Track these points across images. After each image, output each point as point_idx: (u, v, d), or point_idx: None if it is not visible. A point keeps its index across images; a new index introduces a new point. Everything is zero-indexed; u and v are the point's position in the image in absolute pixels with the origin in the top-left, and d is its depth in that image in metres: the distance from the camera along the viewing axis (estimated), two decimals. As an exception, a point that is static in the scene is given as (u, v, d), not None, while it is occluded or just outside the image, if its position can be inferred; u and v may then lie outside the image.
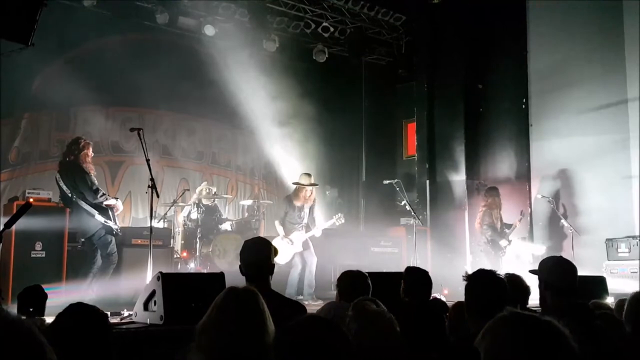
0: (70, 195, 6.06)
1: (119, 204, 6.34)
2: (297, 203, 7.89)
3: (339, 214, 8.31)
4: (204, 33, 9.61)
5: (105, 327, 2.51)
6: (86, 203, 6.01)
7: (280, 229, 7.83)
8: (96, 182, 6.22)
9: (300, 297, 7.53)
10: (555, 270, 3.32)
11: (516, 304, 3.37)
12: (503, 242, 8.49)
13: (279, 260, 7.67)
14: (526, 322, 1.57)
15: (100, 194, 6.08)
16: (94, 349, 2.39)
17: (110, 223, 6.05)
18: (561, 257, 3.61)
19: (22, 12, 5.17)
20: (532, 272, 3.47)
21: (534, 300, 3.70)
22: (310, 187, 7.91)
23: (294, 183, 8.09)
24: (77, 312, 2.48)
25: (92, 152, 6.41)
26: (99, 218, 5.99)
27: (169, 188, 9.98)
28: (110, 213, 6.13)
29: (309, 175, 8.03)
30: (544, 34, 9.85)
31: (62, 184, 6.12)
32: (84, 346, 2.37)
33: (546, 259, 3.52)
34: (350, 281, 3.71)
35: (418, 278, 3.95)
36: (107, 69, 8.92)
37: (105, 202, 6.08)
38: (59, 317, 2.47)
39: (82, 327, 2.39)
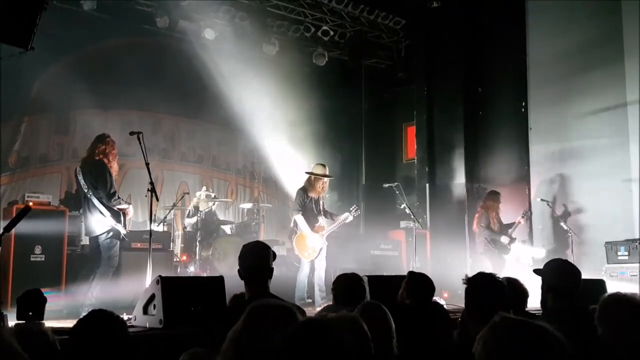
0: (86, 190, 6.02)
1: (130, 209, 6.33)
2: (313, 194, 7.38)
3: (355, 206, 7.89)
4: (204, 37, 9.62)
5: (125, 332, 2.54)
6: (100, 202, 5.99)
7: (303, 223, 7.28)
8: (115, 185, 6.20)
9: (310, 300, 7.38)
10: (558, 273, 3.32)
11: (515, 307, 3.37)
12: (504, 239, 8.45)
13: (310, 255, 7.31)
14: (518, 327, 1.56)
15: (115, 197, 6.06)
16: (114, 354, 2.42)
17: (119, 227, 6.01)
18: (565, 260, 3.61)
19: (22, 16, 5.17)
20: (536, 271, 3.47)
21: (534, 303, 3.69)
22: (326, 179, 7.46)
23: (307, 173, 7.58)
24: (99, 318, 2.51)
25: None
26: (110, 220, 5.97)
27: (168, 191, 9.99)
28: (121, 217, 6.09)
29: (323, 165, 7.54)
30: (543, 37, 9.85)
31: (80, 178, 6.05)
32: (105, 351, 2.40)
33: (550, 261, 3.52)
34: (346, 285, 3.70)
35: (422, 282, 3.94)
36: (107, 72, 8.94)
37: (118, 206, 6.06)
38: (81, 322, 2.49)
39: (104, 332, 2.43)
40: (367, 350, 2.22)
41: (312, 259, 7.33)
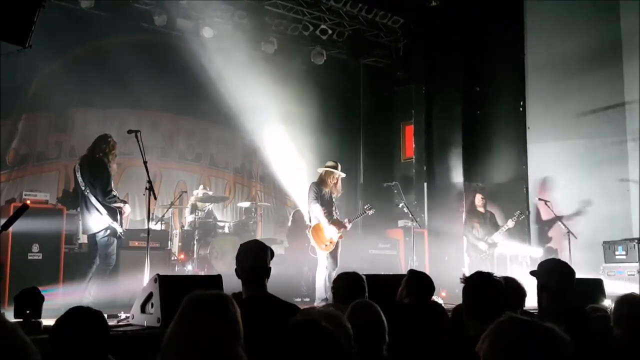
0: (83, 188, 6.03)
1: (126, 208, 6.34)
2: (325, 189, 7.20)
3: (368, 205, 7.80)
4: (202, 35, 9.60)
5: (104, 328, 2.54)
6: (97, 200, 6.01)
7: (320, 213, 7.01)
8: (112, 184, 6.21)
9: (308, 299, 7.27)
10: (552, 273, 3.33)
11: (513, 306, 3.38)
12: (482, 245, 8.51)
13: (328, 247, 7.03)
14: (524, 327, 1.56)
15: (111, 196, 6.07)
16: (94, 351, 2.42)
17: (116, 225, 6.03)
18: (559, 260, 3.62)
19: (20, 14, 5.16)
20: (532, 273, 3.49)
21: (532, 302, 3.70)
22: (338, 174, 7.28)
23: (321, 170, 7.35)
24: (77, 315, 2.51)
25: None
26: (106, 218, 5.98)
27: (166, 190, 9.97)
28: (118, 215, 6.10)
29: (335, 162, 7.43)
30: (541, 36, 9.86)
31: (78, 175, 6.08)
32: (85, 348, 2.40)
33: (544, 262, 3.54)
34: (346, 283, 3.70)
35: (422, 281, 3.93)
36: (105, 70, 8.92)
37: (113, 204, 6.07)
38: (60, 321, 2.48)
39: (83, 330, 2.42)
40: (348, 347, 2.21)
41: (329, 252, 7.04)
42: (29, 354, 1.34)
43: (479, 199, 8.85)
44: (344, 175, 7.54)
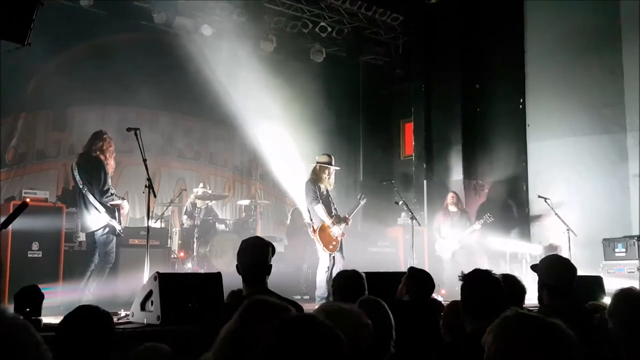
0: (81, 186, 6.03)
1: (124, 204, 6.33)
2: (322, 186, 6.97)
3: (360, 194, 7.72)
4: (202, 33, 9.59)
5: (111, 327, 2.55)
6: (95, 199, 6.00)
7: (323, 213, 6.87)
8: (110, 182, 6.18)
9: (307, 297, 7.23)
10: (552, 270, 3.32)
11: (512, 304, 3.37)
12: (437, 246, 8.90)
13: (335, 247, 6.92)
14: (530, 323, 1.56)
15: (108, 194, 6.06)
16: (99, 349, 2.43)
17: (115, 222, 6.03)
18: (560, 256, 3.60)
19: (19, 12, 5.15)
20: (533, 268, 3.48)
21: (532, 300, 3.69)
22: (334, 168, 7.10)
23: (318, 163, 7.12)
24: (85, 314, 2.52)
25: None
26: (105, 216, 5.98)
27: (166, 188, 9.98)
28: (116, 213, 6.10)
29: (329, 155, 7.17)
30: (541, 33, 9.86)
31: (76, 173, 6.09)
32: (91, 346, 2.40)
33: (545, 258, 3.52)
34: (345, 281, 3.70)
35: (422, 278, 3.93)
36: (104, 68, 8.91)
37: (110, 203, 6.06)
38: (66, 319, 2.49)
39: (90, 328, 2.43)
40: (368, 342, 2.19)
41: (334, 252, 6.92)
42: (41, 351, 1.34)
43: (450, 197, 8.96)
44: (338, 168, 7.37)
